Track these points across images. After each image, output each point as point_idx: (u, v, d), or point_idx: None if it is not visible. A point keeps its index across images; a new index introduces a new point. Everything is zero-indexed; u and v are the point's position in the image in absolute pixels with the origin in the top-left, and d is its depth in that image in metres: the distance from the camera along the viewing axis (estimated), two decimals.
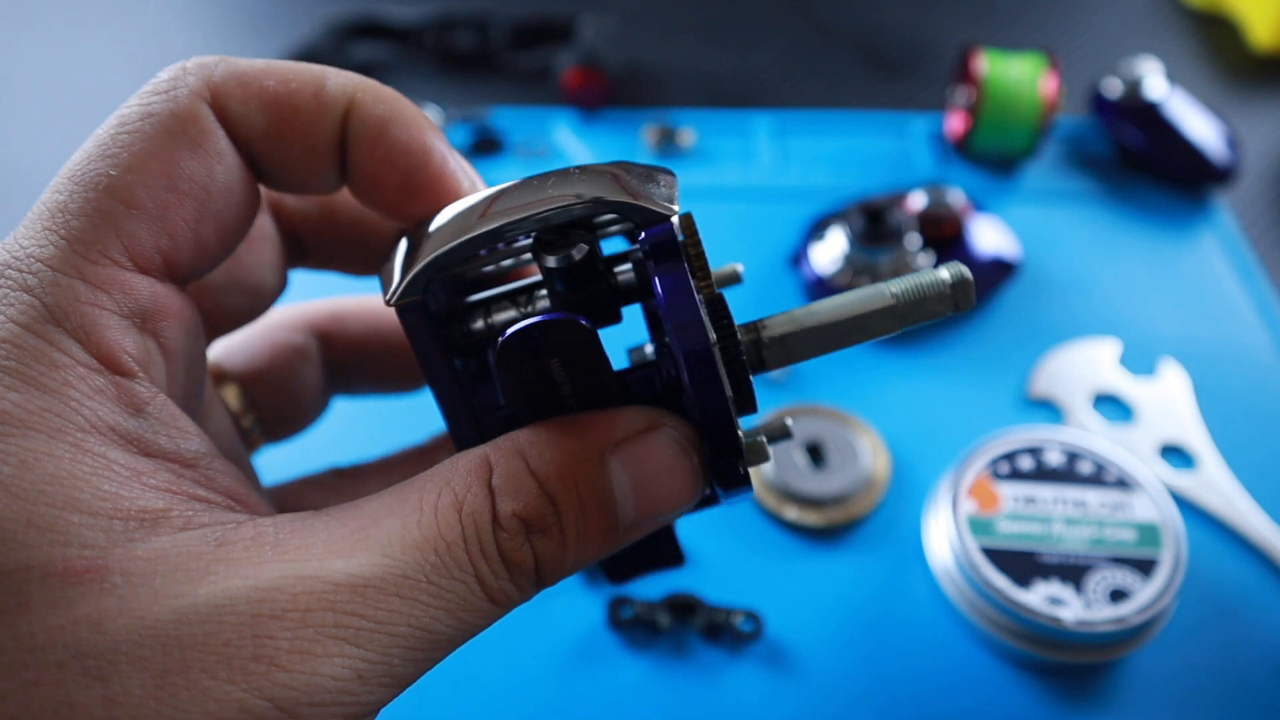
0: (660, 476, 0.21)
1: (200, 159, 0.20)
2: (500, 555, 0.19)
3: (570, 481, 0.20)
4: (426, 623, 0.18)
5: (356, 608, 0.17)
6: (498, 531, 0.19)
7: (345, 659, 0.17)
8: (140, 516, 0.17)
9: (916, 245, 0.52)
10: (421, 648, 0.18)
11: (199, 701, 0.16)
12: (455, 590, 0.19)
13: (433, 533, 0.19)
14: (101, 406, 0.18)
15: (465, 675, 0.39)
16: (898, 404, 0.48)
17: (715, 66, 0.71)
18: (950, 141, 0.62)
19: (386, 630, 0.18)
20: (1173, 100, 0.59)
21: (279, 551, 0.18)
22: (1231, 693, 0.39)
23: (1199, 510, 0.44)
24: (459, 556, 0.19)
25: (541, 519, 0.20)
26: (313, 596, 0.17)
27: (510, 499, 0.19)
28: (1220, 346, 0.51)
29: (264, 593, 0.17)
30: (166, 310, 0.20)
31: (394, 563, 0.18)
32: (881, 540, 0.43)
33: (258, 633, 0.16)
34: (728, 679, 0.39)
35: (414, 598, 0.18)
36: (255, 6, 0.77)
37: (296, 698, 0.16)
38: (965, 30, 0.74)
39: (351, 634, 0.17)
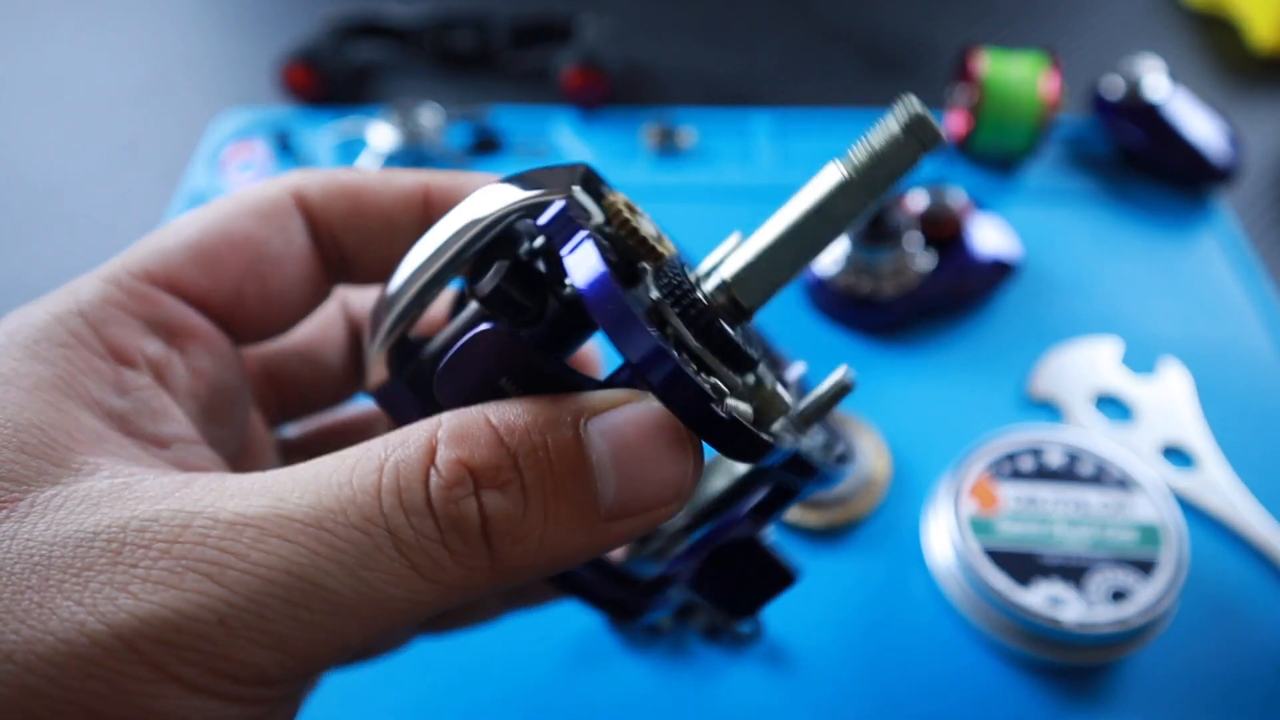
0: (647, 448, 0.18)
1: (263, 227, 0.23)
2: (430, 507, 0.17)
3: (539, 438, 0.18)
4: (311, 573, 0.16)
5: (230, 544, 0.16)
6: (432, 480, 0.17)
7: (203, 596, 0.16)
8: (79, 469, 0.18)
9: (916, 245, 0.52)
10: (306, 604, 0.16)
11: (43, 618, 0.15)
12: (354, 540, 0.16)
13: (343, 479, 0.17)
14: (92, 382, 0.19)
15: (465, 675, 0.39)
16: (898, 404, 0.48)
17: (715, 66, 0.71)
18: (950, 141, 0.62)
19: (258, 573, 0.16)
20: (1173, 100, 0.59)
21: (185, 493, 0.17)
22: (1233, 693, 0.38)
23: (1200, 510, 0.44)
24: (366, 505, 0.17)
25: (496, 472, 0.17)
26: (188, 529, 0.16)
27: (456, 446, 0.17)
28: (1221, 346, 0.51)
29: (143, 523, 0.16)
30: (195, 332, 0.22)
31: (283, 504, 0.16)
32: (881, 540, 0.43)
33: (120, 559, 0.16)
34: (728, 680, 0.39)
35: (297, 541, 0.16)
36: (255, 6, 0.77)
37: (139, 629, 0.15)
38: (965, 30, 0.74)
39: (216, 570, 0.16)
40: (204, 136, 0.64)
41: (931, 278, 0.51)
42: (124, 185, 0.61)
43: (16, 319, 0.20)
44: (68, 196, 0.61)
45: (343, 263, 0.24)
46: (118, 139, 0.65)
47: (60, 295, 0.21)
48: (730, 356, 0.19)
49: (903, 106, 0.18)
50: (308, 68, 0.64)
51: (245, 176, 0.60)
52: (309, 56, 0.64)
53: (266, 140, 0.62)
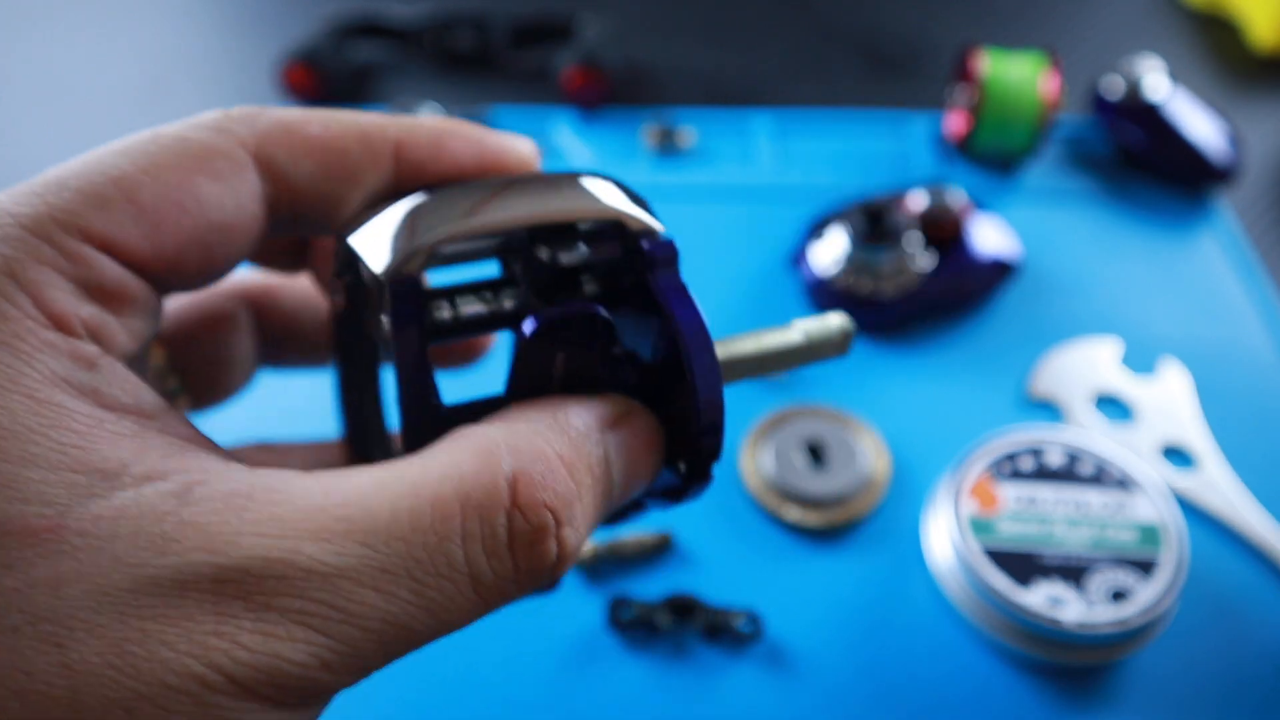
0: (641, 454, 0.21)
1: (216, 190, 0.20)
2: (512, 551, 0.18)
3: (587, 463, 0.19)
4: (404, 620, 0.17)
5: (327, 597, 0.16)
6: (515, 523, 0.18)
7: (310, 646, 0.16)
8: (101, 469, 0.16)
9: (916, 245, 0.52)
10: (396, 641, 0.17)
11: (156, 673, 0.15)
12: (441, 589, 0.17)
13: (426, 525, 0.17)
14: (53, 359, 0.17)
15: (465, 675, 0.39)
16: (898, 404, 0.48)
17: (715, 66, 0.71)
18: (950, 141, 0.62)
19: (357, 624, 0.17)
20: (1173, 100, 0.59)
21: (248, 521, 0.17)
22: (1233, 693, 0.38)
23: (1200, 510, 0.44)
24: (453, 554, 0.17)
25: (571, 507, 0.18)
26: (279, 581, 0.16)
27: (537, 489, 0.18)
28: (1221, 346, 0.51)
29: (228, 571, 0.16)
30: (134, 299, 0.19)
31: (373, 555, 0.17)
32: (881, 540, 0.43)
33: (220, 610, 0.16)
34: (728, 680, 0.39)
35: (391, 593, 0.17)
36: (255, 6, 0.77)
37: (256, 677, 0.16)
38: (965, 30, 0.74)
39: (319, 623, 0.16)
40: None
41: (931, 278, 0.51)
42: None
43: None
44: None
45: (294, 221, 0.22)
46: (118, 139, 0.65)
47: None
48: None
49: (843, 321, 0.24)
50: (308, 68, 0.64)
51: None
52: (309, 57, 0.64)
53: None
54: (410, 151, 0.22)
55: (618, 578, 0.42)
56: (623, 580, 0.42)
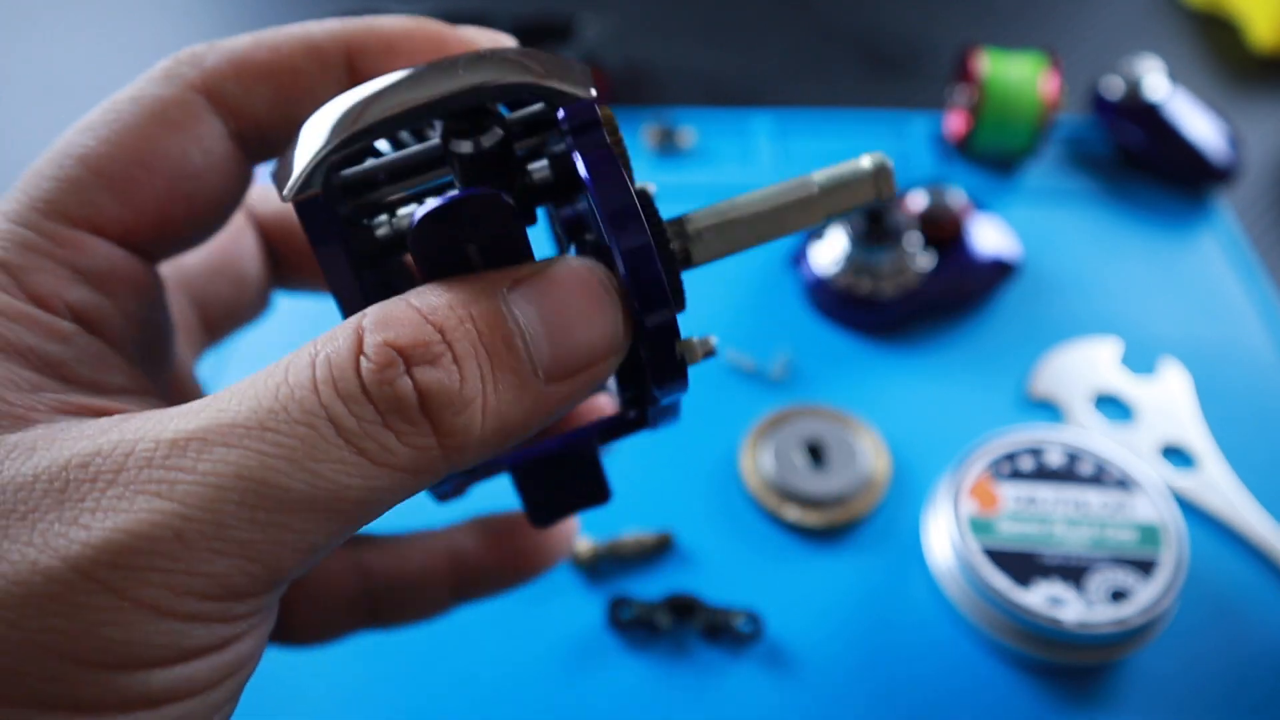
0: (572, 305, 0.18)
1: (178, 141, 0.20)
2: (366, 393, 0.16)
3: (463, 310, 0.18)
4: (261, 473, 0.16)
5: (174, 461, 0.16)
6: (363, 366, 0.17)
7: (156, 514, 0.15)
8: (15, 415, 0.17)
9: (916, 245, 0.52)
10: (262, 505, 0.16)
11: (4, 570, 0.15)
12: (299, 435, 0.16)
13: (276, 380, 0.17)
14: (21, 331, 0.18)
15: (465, 675, 0.39)
16: (898, 404, 0.48)
17: (715, 66, 0.71)
18: (950, 141, 0.62)
19: (208, 482, 0.15)
20: (1173, 100, 0.59)
21: (124, 425, 0.16)
22: (1232, 693, 0.39)
23: (1200, 510, 0.44)
24: (304, 398, 0.16)
25: (424, 347, 0.17)
26: (131, 456, 0.16)
27: (381, 330, 0.17)
28: (1221, 346, 0.51)
29: (85, 457, 0.16)
30: (122, 274, 0.20)
31: (223, 414, 0.16)
32: (881, 540, 0.43)
33: (67, 496, 0.15)
34: (728, 679, 0.39)
35: (243, 446, 0.16)
36: (255, 6, 0.77)
37: (93, 556, 0.15)
38: (965, 30, 0.74)
39: (165, 488, 0.15)
40: None
41: (931, 278, 0.51)
42: None
43: None
44: None
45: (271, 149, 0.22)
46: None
47: None
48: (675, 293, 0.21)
49: (875, 157, 0.21)
50: None
51: None
52: None
53: None
54: (364, 59, 0.21)
55: (618, 578, 0.42)
56: (623, 580, 0.42)
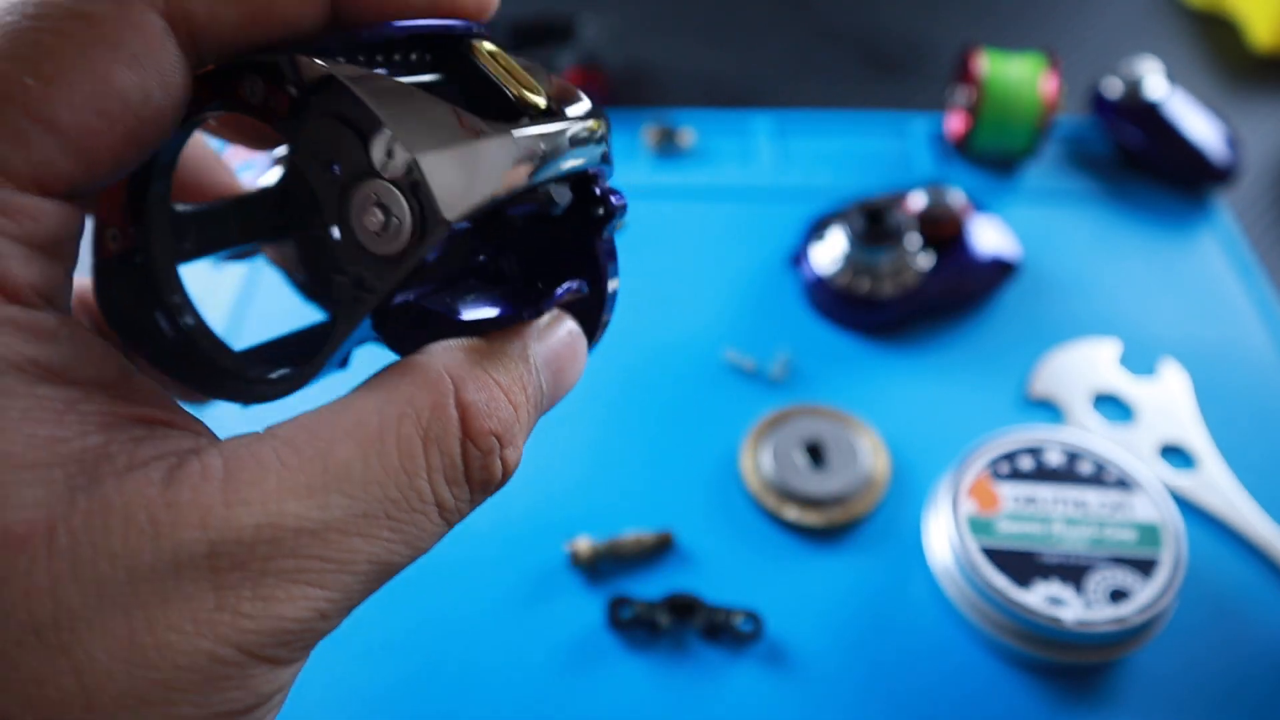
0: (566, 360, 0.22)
1: (139, 77, 0.17)
2: (468, 478, 0.19)
3: (522, 384, 0.20)
4: (386, 557, 0.18)
5: (318, 551, 0.17)
6: (469, 452, 0.19)
7: (308, 601, 0.17)
8: (80, 460, 0.16)
9: (917, 245, 0.52)
10: (379, 578, 0.18)
11: (168, 657, 0.15)
12: (415, 522, 0.18)
13: (395, 466, 0.18)
14: (14, 339, 0.16)
15: (465, 675, 0.39)
16: (898, 404, 0.48)
17: (715, 66, 0.71)
18: (950, 141, 0.62)
19: (348, 570, 0.17)
20: (1173, 100, 0.59)
21: (229, 492, 0.16)
22: (1231, 692, 0.39)
23: (1199, 510, 0.44)
24: (422, 488, 0.18)
25: (513, 431, 0.20)
26: (271, 545, 0.16)
27: (487, 417, 0.19)
28: (1220, 346, 0.51)
29: (221, 546, 0.16)
30: (73, 235, 0.18)
31: (354, 503, 0.17)
32: (881, 540, 0.43)
33: (218, 585, 0.16)
34: (728, 679, 0.39)
35: (374, 535, 0.18)
36: None
37: (262, 641, 0.17)
38: (965, 30, 0.74)
39: (314, 577, 0.17)
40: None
41: (931, 278, 0.51)
42: None
43: None
44: None
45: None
46: None
47: None
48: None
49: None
50: None
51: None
52: None
53: None
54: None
55: (618, 577, 0.42)
56: (623, 580, 0.42)
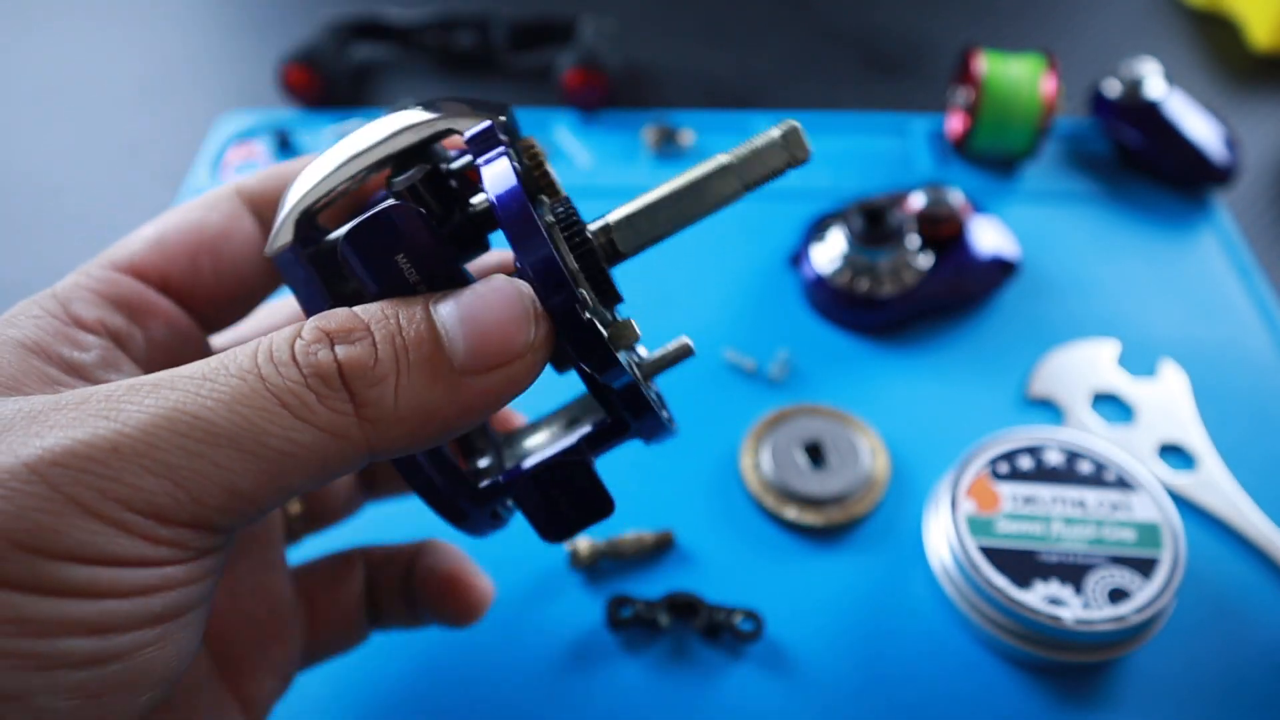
0: (489, 308, 0.21)
1: (208, 213, 0.27)
2: (293, 359, 0.20)
3: (388, 310, 0.21)
4: (194, 409, 0.19)
5: (129, 397, 0.19)
6: (296, 343, 0.20)
7: (100, 430, 0.18)
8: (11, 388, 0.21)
9: (916, 245, 0.52)
10: (190, 434, 0.18)
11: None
12: (232, 385, 0.19)
13: (225, 354, 0.20)
14: (50, 338, 0.22)
15: (465, 675, 0.39)
16: (898, 404, 0.48)
17: (715, 66, 0.71)
18: (950, 141, 0.62)
19: (148, 410, 0.18)
20: (1172, 100, 0.60)
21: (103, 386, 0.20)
22: (1231, 692, 0.39)
23: (1198, 510, 0.44)
24: (243, 360, 0.20)
25: (348, 331, 0.20)
26: (96, 394, 0.19)
27: (318, 321, 0.21)
28: (1220, 346, 0.51)
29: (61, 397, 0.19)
30: (154, 310, 0.25)
31: (179, 371, 0.20)
32: (881, 540, 0.43)
33: (37, 419, 0.19)
34: (728, 679, 0.39)
35: (184, 389, 0.19)
36: (255, 7, 0.77)
37: (43, 456, 0.18)
38: (965, 30, 0.74)
39: (114, 413, 0.18)
40: (206, 138, 0.64)
41: (931, 278, 0.51)
42: (126, 187, 0.62)
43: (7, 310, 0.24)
44: (69, 198, 0.61)
45: None
46: (120, 141, 0.65)
47: (48, 290, 0.24)
48: (600, 286, 0.23)
49: (785, 124, 0.22)
50: (308, 68, 0.64)
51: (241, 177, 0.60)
52: (309, 57, 0.64)
53: (268, 142, 0.62)
54: None
55: (618, 577, 0.42)
56: (623, 579, 0.42)
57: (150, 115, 0.67)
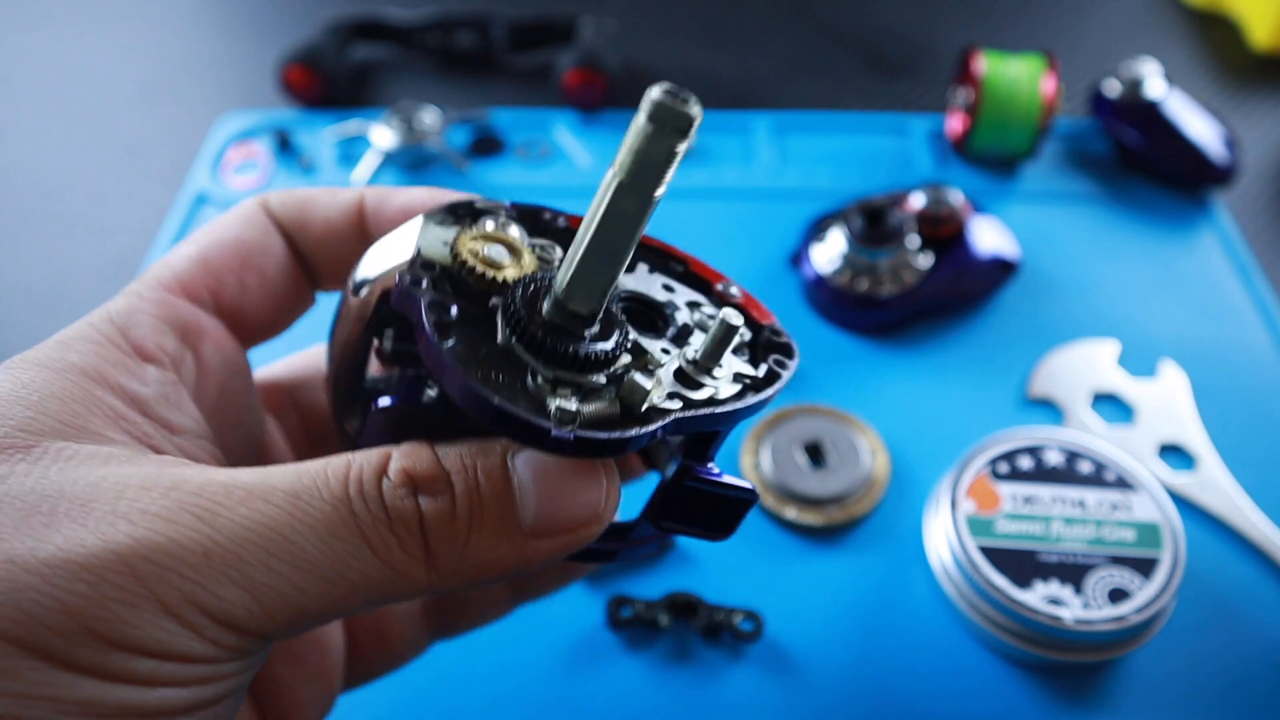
0: (565, 477, 0.21)
1: (245, 229, 0.27)
2: (380, 499, 0.20)
3: (468, 461, 0.21)
4: (286, 530, 0.19)
5: (222, 499, 0.19)
6: (384, 481, 0.20)
7: (194, 532, 0.19)
8: (93, 434, 0.21)
9: (916, 245, 0.52)
10: (278, 554, 0.19)
11: (48, 535, 0.18)
12: (323, 512, 0.20)
13: (316, 469, 0.20)
14: (110, 366, 0.23)
15: (465, 675, 0.39)
16: (898, 404, 0.48)
17: (715, 66, 0.71)
18: (950, 141, 0.62)
19: (242, 523, 0.19)
20: (1172, 100, 0.60)
21: (184, 467, 0.20)
22: (1230, 692, 0.39)
23: (1198, 510, 0.44)
24: (335, 487, 0.20)
25: (431, 482, 0.21)
26: (189, 484, 0.19)
27: (402, 459, 0.21)
28: (1220, 346, 0.51)
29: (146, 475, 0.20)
30: (205, 332, 0.26)
31: (270, 478, 0.20)
32: (881, 540, 0.43)
33: (124, 498, 0.19)
34: (728, 679, 0.39)
35: (278, 505, 0.19)
36: (256, 7, 0.77)
37: (133, 547, 0.18)
38: (965, 30, 0.74)
39: (208, 515, 0.19)
40: (206, 138, 0.64)
41: (931, 278, 0.51)
42: (126, 187, 0.62)
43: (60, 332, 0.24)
44: (70, 198, 0.61)
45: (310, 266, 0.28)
46: (120, 141, 0.65)
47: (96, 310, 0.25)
48: (584, 364, 0.21)
49: (647, 99, 0.19)
50: (308, 68, 0.64)
51: (247, 178, 0.60)
52: (309, 57, 0.64)
53: (268, 142, 0.62)
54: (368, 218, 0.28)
55: (618, 577, 0.42)
56: (623, 579, 0.42)
57: (150, 115, 0.67)
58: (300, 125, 0.63)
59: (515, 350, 0.21)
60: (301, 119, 0.64)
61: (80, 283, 0.55)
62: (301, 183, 0.60)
